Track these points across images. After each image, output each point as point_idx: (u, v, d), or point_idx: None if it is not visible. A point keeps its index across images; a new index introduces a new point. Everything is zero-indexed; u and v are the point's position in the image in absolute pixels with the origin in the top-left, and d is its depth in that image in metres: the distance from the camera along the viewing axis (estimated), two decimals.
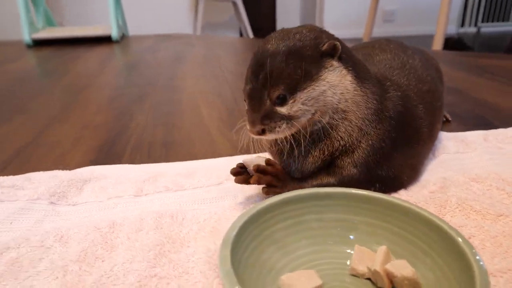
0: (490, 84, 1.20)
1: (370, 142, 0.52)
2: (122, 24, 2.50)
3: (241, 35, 4.32)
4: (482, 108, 0.97)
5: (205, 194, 0.58)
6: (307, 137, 0.50)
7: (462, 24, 5.20)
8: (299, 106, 0.47)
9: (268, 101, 0.47)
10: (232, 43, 2.42)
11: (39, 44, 2.27)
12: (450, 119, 0.86)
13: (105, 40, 2.30)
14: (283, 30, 0.51)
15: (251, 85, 0.48)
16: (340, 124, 0.51)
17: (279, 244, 0.41)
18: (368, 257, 0.39)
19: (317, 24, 5.15)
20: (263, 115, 0.47)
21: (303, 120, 0.48)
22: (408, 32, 4.84)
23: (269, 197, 0.45)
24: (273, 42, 0.49)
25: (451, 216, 0.50)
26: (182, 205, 0.56)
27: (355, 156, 0.51)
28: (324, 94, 0.48)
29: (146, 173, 0.65)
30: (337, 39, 0.51)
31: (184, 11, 4.11)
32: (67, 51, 2.08)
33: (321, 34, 0.50)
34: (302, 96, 0.47)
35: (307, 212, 0.43)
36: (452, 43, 3.31)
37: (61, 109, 1.05)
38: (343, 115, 0.51)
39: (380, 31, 4.24)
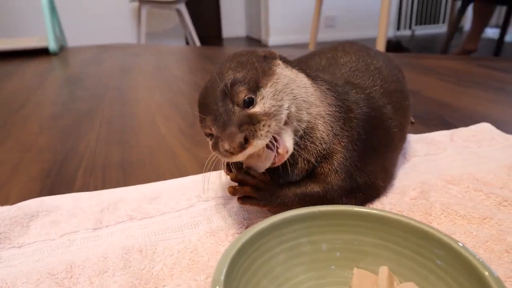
0: (441, 84, 1.25)
1: (343, 143, 0.50)
2: (60, 35, 2.33)
3: (187, 43, 4.23)
4: (439, 108, 0.99)
5: (175, 220, 0.52)
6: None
7: (398, 27, 5.51)
8: (270, 102, 0.44)
9: (235, 107, 0.43)
10: (181, 52, 2.35)
11: None
12: (413, 121, 0.87)
13: (41, 52, 2.12)
14: (226, 57, 0.50)
15: (211, 110, 0.44)
16: (319, 121, 0.49)
17: (273, 274, 0.36)
18: (369, 280, 0.35)
19: (263, 30, 5.20)
20: (238, 124, 0.42)
21: (283, 117, 0.44)
22: (348, 36, 5.02)
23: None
24: (222, 65, 0.47)
25: (438, 223, 0.49)
26: (150, 236, 0.49)
27: (334, 162, 0.49)
28: (288, 86, 0.47)
29: (103, 200, 0.57)
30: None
31: (126, 20, 3.95)
32: None
33: (256, 49, 0.50)
34: (268, 91, 0.45)
35: (298, 235, 0.39)
36: (391, 45, 3.48)
37: None
38: (317, 110, 0.49)
39: (323, 36, 4.35)
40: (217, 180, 0.62)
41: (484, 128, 0.78)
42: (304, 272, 0.37)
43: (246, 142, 0.40)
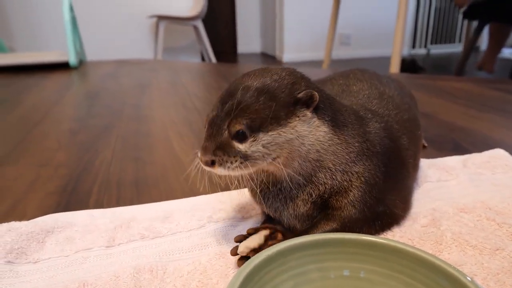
0: (454, 107, 1.24)
1: (362, 179, 0.49)
2: (80, 49, 2.40)
3: (202, 59, 4.30)
4: (451, 132, 0.99)
5: (185, 241, 0.53)
6: (286, 181, 0.47)
7: (413, 46, 5.51)
8: (259, 148, 0.44)
9: (226, 132, 0.44)
10: (197, 69, 2.39)
11: None
12: (426, 145, 0.87)
13: (61, 66, 2.19)
14: (264, 68, 0.49)
15: (215, 112, 0.45)
16: (317, 171, 0.48)
17: None
18: None
19: (277, 46, 5.26)
20: (217, 145, 0.44)
21: (260, 163, 0.44)
22: (363, 54, 5.05)
23: None
24: (250, 76, 0.46)
25: (449, 253, 0.49)
26: (161, 255, 0.50)
27: (350, 196, 0.48)
28: (290, 143, 0.45)
29: (117, 218, 0.59)
30: (317, 87, 0.48)
31: (143, 35, 4.05)
32: (19, 79, 1.95)
33: (300, 80, 0.47)
34: (264, 138, 0.44)
35: (306, 262, 0.39)
36: (406, 64, 3.48)
37: (12, 147, 0.95)
38: (317, 164, 0.47)
39: (338, 53, 4.38)
40: (228, 200, 0.63)
41: (498, 155, 0.77)
42: None
43: (213, 164, 0.44)
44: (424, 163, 0.74)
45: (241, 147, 0.43)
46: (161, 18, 3.79)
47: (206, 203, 0.63)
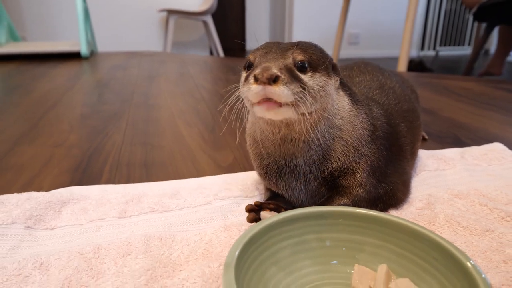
0: (458, 104, 1.26)
1: (369, 162, 0.52)
2: (91, 40, 2.44)
3: (211, 53, 4.33)
4: (453, 128, 1.01)
5: (193, 215, 0.56)
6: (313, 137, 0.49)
7: (422, 48, 5.49)
8: (314, 85, 0.44)
9: (290, 58, 0.44)
10: (205, 61, 2.42)
11: (1, 59, 2.17)
12: (426, 137, 0.89)
13: (73, 56, 2.23)
14: None
15: (269, 47, 0.46)
16: (337, 143, 0.51)
17: (280, 264, 0.40)
18: (369, 276, 0.38)
19: None
20: (282, 66, 0.42)
21: (309, 105, 0.43)
22: (372, 54, 5.04)
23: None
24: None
25: (440, 233, 0.51)
26: (170, 226, 0.53)
27: (357, 177, 0.51)
28: (328, 97, 0.47)
29: (128, 194, 0.62)
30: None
31: (154, 29, 4.09)
32: (33, 67, 2.00)
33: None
34: (319, 78, 0.45)
35: (308, 232, 0.42)
36: (414, 65, 3.48)
37: (27, 129, 1.00)
38: (339, 133, 0.51)
39: (346, 53, 4.39)
40: (233, 181, 0.66)
41: (496, 148, 0.80)
42: (309, 265, 0.41)
43: (275, 81, 0.41)
44: (423, 154, 0.77)
45: (303, 76, 0.44)
46: (171, 12, 3.83)
47: (212, 183, 0.66)
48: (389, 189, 0.54)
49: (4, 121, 1.08)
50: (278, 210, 0.52)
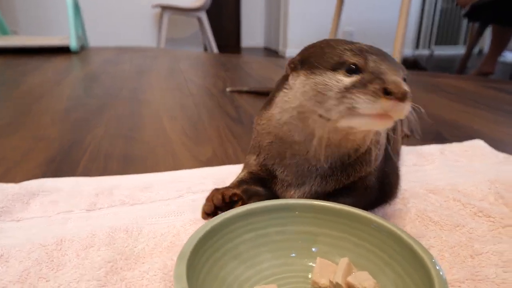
0: (446, 102, 1.26)
1: (377, 166, 0.51)
2: (82, 35, 2.43)
3: (205, 50, 4.32)
4: (438, 125, 1.00)
5: (163, 208, 0.56)
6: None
7: (417, 46, 5.50)
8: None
9: (401, 72, 0.40)
10: (197, 57, 2.41)
11: None
12: (409, 134, 0.89)
13: (63, 50, 2.21)
14: None
15: (384, 57, 0.41)
16: (372, 150, 0.48)
17: (241, 257, 0.39)
18: (330, 269, 0.38)
19: (281, 41, 5.25)
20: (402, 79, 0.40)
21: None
22: None
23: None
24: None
25: (411, 227, 0.51)
26: (138, 219, 0.52)
27: (366, 181, 0.50)
28: None
29: (101, 186, 0.61)
30: None
31: (147, 24, 4.07)
32: (22, 61, 1.98)
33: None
34: None
35: (270, 225, 0.41)
36: (408, 64, 3.48)
37: (10, 121, 0.99)
38: (375, 140, 0.49)
39: None
40: (209, 175, 0.65)
41: (477, 145, 0.79)
42: (270, 258, 0.40)
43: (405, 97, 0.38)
44: (403, 149, 0.76)
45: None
46: (165, 8, 3.81)
47: (188, 176, 0.65)
48: (387, 188, 0.54)
49: None
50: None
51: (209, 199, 0.49)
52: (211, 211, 0.48)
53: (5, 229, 0.50)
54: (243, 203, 0.51)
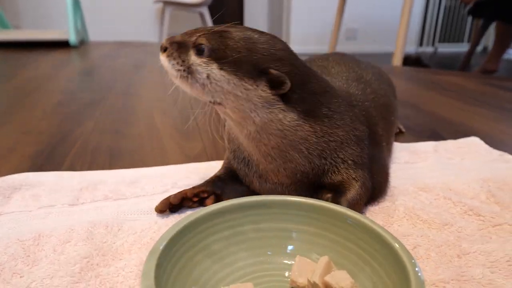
0: (443, 99, 1.24)
1: (349, 162, 0.50)
2: (82, 29, 2.42)
3: None
4: (434, 122, 0.99)
5: (147, 203, 0.55)
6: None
7: (421, 44, 5.45)
8: (203, 73, 0.43)
9: (194, 39, 0.45)
10: None
11: None
12: (403, 130, 0.87)
13: (62, 45, 2.21)
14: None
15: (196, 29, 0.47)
16: (289, 149, 0.47)
17: (216, 256, 0.38)
18: (309, 268, 0.37)
19: (283, 38, 5.23)
20: (179, 42, 0.46)
21: (197, 90, 0.45)
22: (369, 49, 5.00)
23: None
24: (242, 27, 0.47)
25: (398, 225, 0.50)
26: (120, 215, 0.51)
27: (344, 176, 0.49)
28: (237, 99, 0.44)
29: (85, 180, 0.60)
30: (296, 69, 0.46)
31: (149, 20, 4.06)
32: (21, 54, 1.97)
33: (290, 60, 0.46)
34: (215, 70, 0.43)
35: (245, 222, 0.40)
36: (411, 61, 3.45)
37: (0, 114, 0.98)
38: (284, 141, 0.47)
39: (343, 48, 4.35)
40: (195, 170, 0.64)
41: (472, 142, 0.78)
42: (246, 257, 0.39)
43: (165, 50, 0.46)
44: (396, 146, 0.75)
45: (192, 57, 0.44)
46: (167, 3, 3.78)
47: (174, 171, 0.64)
48: (376, 184, 0.53)
49: None
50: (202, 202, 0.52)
51: (169, 196, 0.51)
52: (165, 208, 0.51)
53: None
54: (218, 200, 0.51)
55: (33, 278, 0.39)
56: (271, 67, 0.44)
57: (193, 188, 0.53)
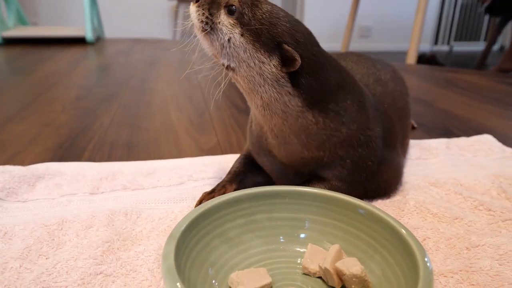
0: (456, 97, 1.24)
1: (348, 161, 0.50)
2: (98, 26, 2.46)
3: None
4: (446, 119, 0.99)
5: (164, 194, 0.57)
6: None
7: (436, 42, 5.38)
8: (226, 35, 0.45)
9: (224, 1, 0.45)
10: None
11: (9, 42, 2.20)
12: (415, 126, 0.88)
13: (79, 41, 2.25)
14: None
15: None
16: (290, 132, 0.48)
17: (231, 242, 0.40)
18: (320, 255, 0.38)
19: None
20: (210, 1, 0.46)
21: (215, 48, 0.46)
22: (383, 47, 4.96)
23: None
24: (273, 4, 0.47)
25: (409, 218, 0.51)
26: (138, 204, 0.54)
27: (337, 171, 0.50)
28: (250, 68, 0.45)
29: (104, 171, 0.62)
30: (311, 54, 0.46)
31: (164, 17, 4.09)
32: (39, 50, 2.02)
33: (309, 43, 0.46)
34: (237, 36, 0.45)
35: (260, 211, 0.42)
36: (426, 60, 3.42)
37: (21, 108, 1.01)
38: (285, 123, 0.48)
39: (357, 46, 4.33)
40: (211, 163, 0.66)
41: (484, 139, 0.78)
42: (260, 244, 0.40)
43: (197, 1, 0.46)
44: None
45: (222, 16, 0.45)
46: (181, 0, 3.82)
47: (190, 164, 0.66)
48: (381, 187, 0.54)
49: (0, 100, 1.09)
50: None
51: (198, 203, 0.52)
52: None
53: (11, 209, 0.52)
54: None
55: (58, 260, 0.41)
56: (286, 43, 0.45)
57: (219, 189, 0.53)
